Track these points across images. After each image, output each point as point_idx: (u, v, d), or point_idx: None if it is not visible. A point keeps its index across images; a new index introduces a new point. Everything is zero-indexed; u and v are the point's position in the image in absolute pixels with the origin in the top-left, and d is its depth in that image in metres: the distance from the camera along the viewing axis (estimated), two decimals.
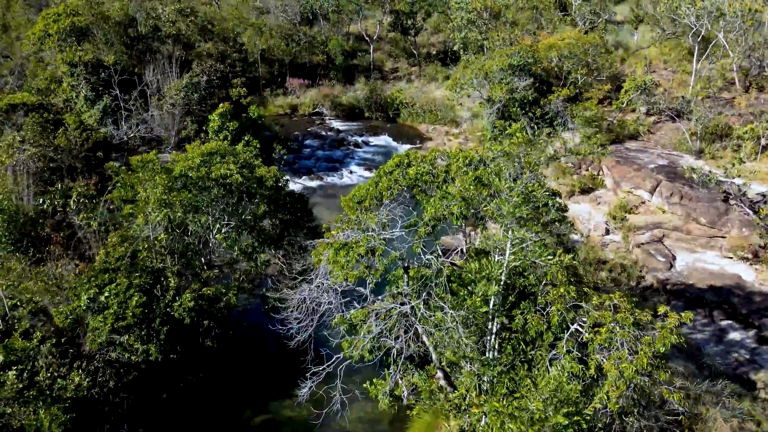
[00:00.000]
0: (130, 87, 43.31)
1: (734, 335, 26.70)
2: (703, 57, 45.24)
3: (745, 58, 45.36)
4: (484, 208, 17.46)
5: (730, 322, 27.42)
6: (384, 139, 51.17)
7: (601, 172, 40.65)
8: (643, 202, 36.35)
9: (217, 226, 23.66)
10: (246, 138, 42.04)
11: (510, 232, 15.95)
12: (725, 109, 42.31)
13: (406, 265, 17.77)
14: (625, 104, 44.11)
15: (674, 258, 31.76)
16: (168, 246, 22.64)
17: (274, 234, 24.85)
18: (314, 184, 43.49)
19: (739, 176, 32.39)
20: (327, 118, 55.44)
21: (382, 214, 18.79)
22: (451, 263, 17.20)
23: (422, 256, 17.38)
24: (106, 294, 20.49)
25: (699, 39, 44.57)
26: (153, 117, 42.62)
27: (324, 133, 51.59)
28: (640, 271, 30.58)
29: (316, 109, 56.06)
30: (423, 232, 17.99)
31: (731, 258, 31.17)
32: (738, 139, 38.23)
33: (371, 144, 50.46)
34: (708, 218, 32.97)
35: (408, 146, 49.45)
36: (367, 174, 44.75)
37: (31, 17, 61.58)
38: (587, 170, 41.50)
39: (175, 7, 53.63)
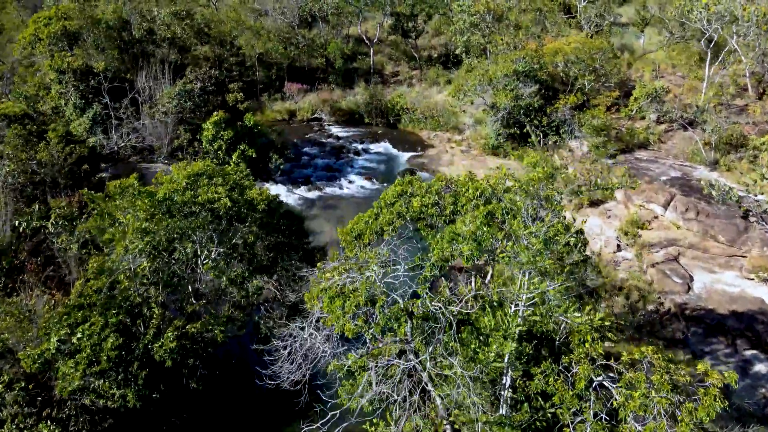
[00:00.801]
0: (121, 94, 41.01)
1: (760, 368, 24.48)
2: (716, 62, 42.89)
3: (758, 64, 43.02)
4: (500, 255, 15.21)
5: (754, 352, 25.19)
6: (384, 147, 48.87)
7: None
8: (656, 217, 34.09)
9: (205, 252, 21.42)
10: (241, 147, 40.06)
11: (529, 282, 13.74)
12: (739, 117, 40.04)
13: (410, 310, 15.51)
14: (634, 112, 41.80)
15: (691, 279, 29.48)
16: (151, 275, 20.39)
17: (267, 260, 22.58)
18: (312, 194, 41.21)
19: (762, 194, 30.10)
20: (326, 123, 53.13)
21: (382, 251, 16.50)
22: (460, 311, 14.95)
23: (428, 303, 15.05)
24: (79, 335, 18.24)
25: (711, 44, 42.26)
26: (145, 126, 40.35)
27: (323, 140, 49.29)
28: (658, 297, 28.27)
29: (315, 115, 53.72)
30: (429, 274, 15.73)
31: (752, 279, 28.92)
32: (754, 150, 35.91)
33: (371, 151, 48.15)
34: (727, 236, 30.73)
35: (409, 154, 47.21)
36: (366, 184, 42.52)
37: (26, 19, 59.16)
38: (596, 181, 39.23)
39: (170, 10, 51.31)
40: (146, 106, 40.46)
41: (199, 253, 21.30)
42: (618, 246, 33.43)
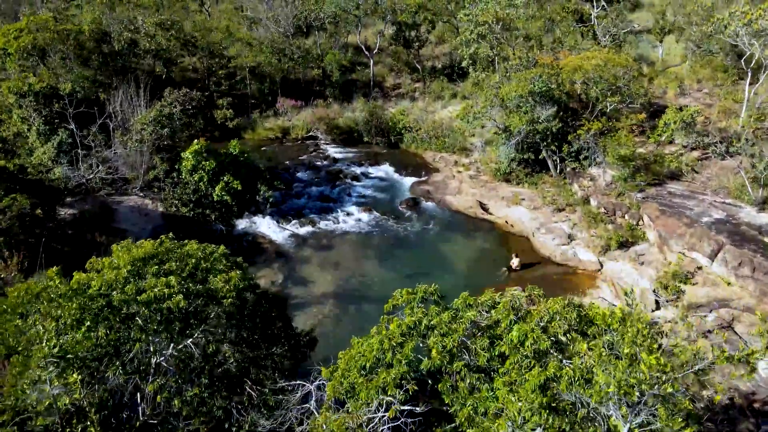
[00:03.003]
0: (91, 119, 34.96)
1: None
2: (758, 83, 36.85)
3: None
4: None
5: None
6: (385, 170, 42.87)
7: (641, 222, 32.48)
8: (700, 268, 28.19)
9: (153, 364, 15.54)
10: (225, 179, 34.08)
11: None
12: None
13: None
14: (663, 138, 35.79)
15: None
16: (73, 406, 14.53)
17: (235, 370, 16.69)
18: (305, 230, 35.23)
19: None
20: (322, 142, 47.09)
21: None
22: None
23: None
24: None
25: (750, 62, 36.23)
26: (117, 155, 34.35)
27: (318, 163, 43.25)
28: (720, 383, 22.37)
29: (310, 133, 47.64)
30: None
31: None
32: None
33: (371, 176, 42.14)
34: None
35: (412, 179, 41.23)
36: (365, 217, 36.55)
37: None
38: (623, 217, 33.31)
39: (154, 20, 45.16)
40: (118, 132, 34.41)
41: (143, 366, 15.41)
42: (657, 303, 27.58)
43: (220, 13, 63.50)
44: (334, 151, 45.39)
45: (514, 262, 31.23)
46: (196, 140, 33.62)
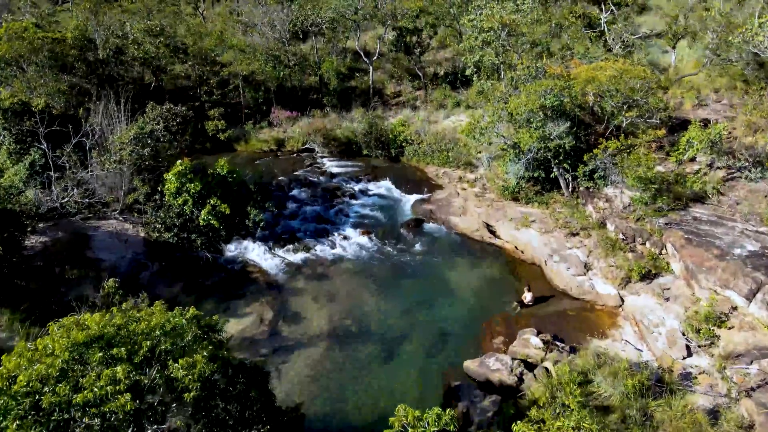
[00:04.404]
0: (67, 137, 31.40)
1: None
2: None
3: None
4: None
5: None
6: (385, 186, 39.29)
7: (664, 251, 28.93)
8: (735, 308, 24.65)
9: None
10: (212, 202, 30.54)
11: None
12: None
13: None
14: (686, 156, 32.25)
15: None
16: None
17: None
18: (298, 257, 31.69)
19: None
20: (318, 155, 43.49)
21: None
22: None
23: None
24: None
25: None
26: (95, 176, 30.79)
27: (314, 178, 39.64)
28: None
29: (306, 145, 44.05)
30: None
31: None
32: None
33: (370, 193, 38.57)
34: None
35: (414, 197, 37.70)
36: (364, 241, 33.04)
37: None
38: (644, 245, 29.77)
39: (141, 26, 41.53)
40: (95, 152, 30.84)
41: None
42: (688, 348, 24.07)
43: (216, 17, 59.79)
44: (331, 165, 41.80)
45: (527, 296, 27.73)
46: (179, 161, 30.03)
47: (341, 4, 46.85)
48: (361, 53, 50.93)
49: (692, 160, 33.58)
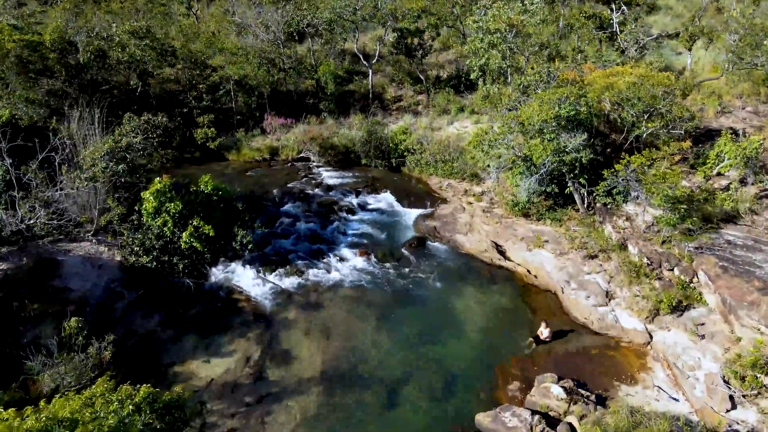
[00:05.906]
0: (33, 152, 27.77)
1: None
2: None
3: None
4: None
5: None
6: (386, 199, 35.63)
7: (695, 279, 25.31)
8: None
9: None
10: (194, 223, 26.88)
11: None
12: None
13: None
14: (715, 172, 28.62)
15: None
16: None
17: None
18: (290, 282, 28.08)
19: None
20: (314, 165, 39.80)
21: None
22: None
23: None
24: None
25: None
26: (64, 194, 27.16)
27: (309, 191, 35.96)
28: None
29: (302, 154, 40.38)
30: None
31: None
32: None
33: (369, 207, 34.90)
34: None
35: (417, 212, 34.07)
36: (362, 263, 29.45)
37: None
38: (671, 270, 26.13)
39: (126, 28, 37.81)
40: (64, 167, 27.18)
41: None
42: (731, 399, 20.51)
43: (210, 17, 55.98)
44: (327, 176, 38.12)
45: (544, 332, 24.14)
46: (158, 178, 26.40)
47: (339, 4, 43.10)
48: (360, 56, 47.22)
49: (719, 174, 30.00)
